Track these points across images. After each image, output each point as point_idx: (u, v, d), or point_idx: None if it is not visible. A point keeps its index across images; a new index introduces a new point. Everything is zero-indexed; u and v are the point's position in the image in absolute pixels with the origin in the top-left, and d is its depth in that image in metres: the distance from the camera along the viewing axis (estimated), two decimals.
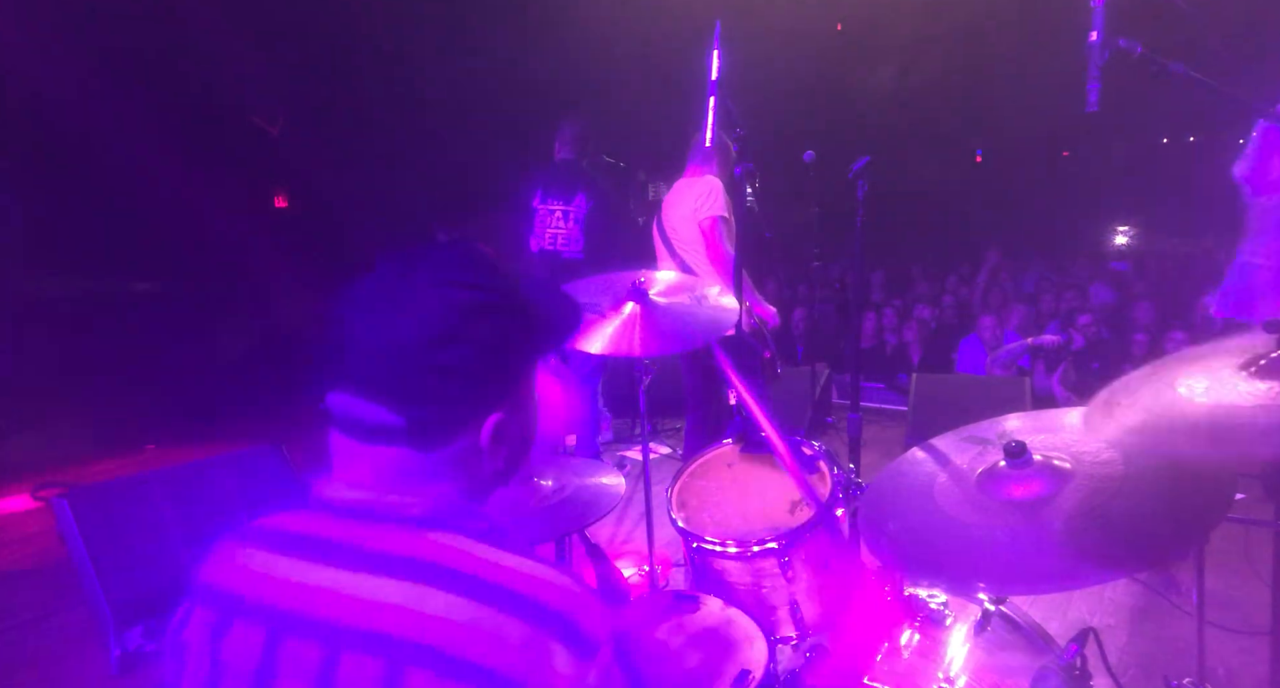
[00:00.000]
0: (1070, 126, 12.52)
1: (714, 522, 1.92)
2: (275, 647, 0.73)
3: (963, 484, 1.46)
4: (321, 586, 0.75)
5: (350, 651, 0.70)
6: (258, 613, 0.76)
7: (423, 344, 0.77)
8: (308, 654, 0.72)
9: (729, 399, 2.20)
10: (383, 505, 0.79)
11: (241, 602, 0.77)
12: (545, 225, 4.17)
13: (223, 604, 0.78)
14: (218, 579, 0.81)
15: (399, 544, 0.76)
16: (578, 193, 4.12)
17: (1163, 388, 1.26)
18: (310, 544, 0.79)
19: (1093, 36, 1.59)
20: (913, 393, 4.95)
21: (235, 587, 0.79)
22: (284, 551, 0.79)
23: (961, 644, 1.69)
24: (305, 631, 0.73)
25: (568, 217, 4.13)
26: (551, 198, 4.16)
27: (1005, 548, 1.28)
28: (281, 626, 0.74)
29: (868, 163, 2.28)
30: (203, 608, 0.79)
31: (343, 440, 0.82)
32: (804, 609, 1.72)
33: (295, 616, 0.74)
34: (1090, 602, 3.06)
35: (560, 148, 4.28)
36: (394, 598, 0.71)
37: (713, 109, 2.62)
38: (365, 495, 0.80)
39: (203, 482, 3.22)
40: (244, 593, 0.78)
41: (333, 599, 0.73)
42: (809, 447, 1.91)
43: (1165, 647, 2.77)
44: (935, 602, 1.81)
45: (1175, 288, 7.63)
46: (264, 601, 0.76)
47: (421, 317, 0.77)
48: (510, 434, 0.84)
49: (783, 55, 8.21)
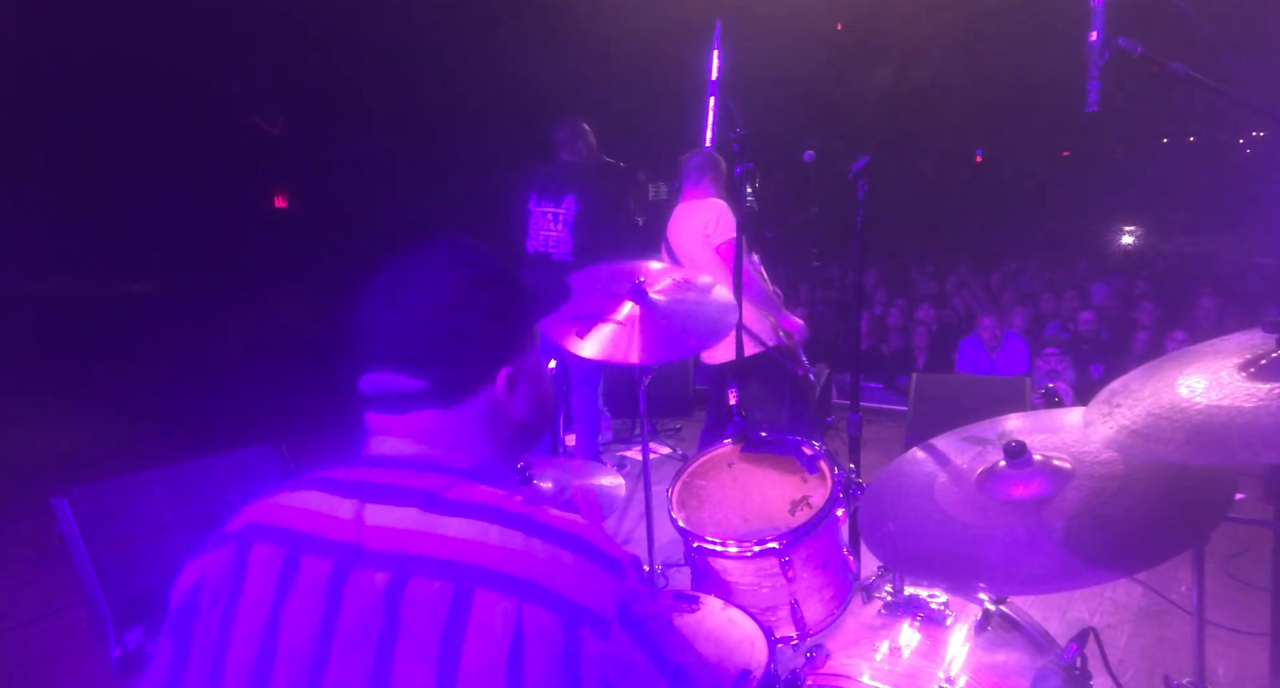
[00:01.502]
0: (1070, 126, 12.52)
1: (714, 522, 1.91)
2: (343, 578, 0.80)
3: (963, 484, 1.46)
4: (382, 525, 0.82)
5: (419, 576, 0.78)
6: (324, 547, 0.82)
7: (436, 313, 0.89)
8: (375, 582, 0.78)
9: (729, 399, 2.19)
10: (430, 457, 0.90)
11: (307, 538, 0.84)
12: (539, 227, 4.18)
13: (288, 540, 0.84)
14: (277, 519, 0.87)
15: (450, 488, 0.85)
16: (567, 194, 4.12)
17: (1163, 389, 1.26)
18: (367, 488, 0.87)
19: (1093, 36, 1.59)
20: (913, 393, 4.95)
21: (298, 525, 0.85)
22: (343, 493, 0.87)
23: (961, 644, 1.69)
24: (372, 562, 0.80)
25: (557, 219, 4.12)
26: (544, 200, 4.17)
27: (1005, 548, 1.28)
28: (348, 558, 0.81)
29: (868, 163, 2.28)
30: (264, 544, 0.85)
31: (378, 418, 0.92)
32: (804, 609, 1.72)
33: (361, 549, 0.81)
34: (1090, 602, 3.06)
35: (557, 149, 4.28)
36: (455, 531, 0.80)
37: (713, 109, 2.62)
38: (412, 450, 0.90)
39: (203, 482, 3.22)
40: (309, 530, 0.84)
41: (396, 534, 0.81)
42: (809, 447, 1.91)
43: (1165, 647, 2.77)
44: (935, 602, 1.81)
45: (1176, 288, 7.64)
46: (330, 536, 0.83)
47: (432, 291, 0.90)
48: (521, 385, 0.96)
49: (783, 55, 8.21)
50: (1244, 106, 1.69)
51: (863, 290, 2.56)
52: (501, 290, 0.94)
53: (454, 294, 0.90)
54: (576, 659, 0.75)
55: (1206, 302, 6.13)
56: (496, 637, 0.74)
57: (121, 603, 2.80)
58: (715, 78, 2.60)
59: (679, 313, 2.41)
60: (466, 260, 0.94)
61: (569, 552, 0.80)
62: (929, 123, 11.49)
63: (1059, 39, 3.84)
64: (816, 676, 1.61)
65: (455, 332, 0.90)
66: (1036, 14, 7.85)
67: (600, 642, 0.76)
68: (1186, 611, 2.92)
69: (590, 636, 0.76)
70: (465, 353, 0.91)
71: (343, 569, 0.80)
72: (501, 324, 0.93)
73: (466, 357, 0.91)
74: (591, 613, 0.77)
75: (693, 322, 2.40)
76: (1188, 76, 1.60)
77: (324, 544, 0.82)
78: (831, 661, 1.65)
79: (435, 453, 0.90)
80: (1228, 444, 1.09)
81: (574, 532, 0.83)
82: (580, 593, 0.77)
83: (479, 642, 0.74)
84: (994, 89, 10.98)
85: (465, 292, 0.91)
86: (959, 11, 8.86)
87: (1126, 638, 2.84)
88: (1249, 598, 2.94)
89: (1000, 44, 9.48)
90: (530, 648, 0.74)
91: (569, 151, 4.23)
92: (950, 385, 5.07)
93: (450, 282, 0.91)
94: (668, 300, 2.45)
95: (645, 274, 2.48)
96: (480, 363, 0.92)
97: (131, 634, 2.80)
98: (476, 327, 0.91)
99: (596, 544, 0.82)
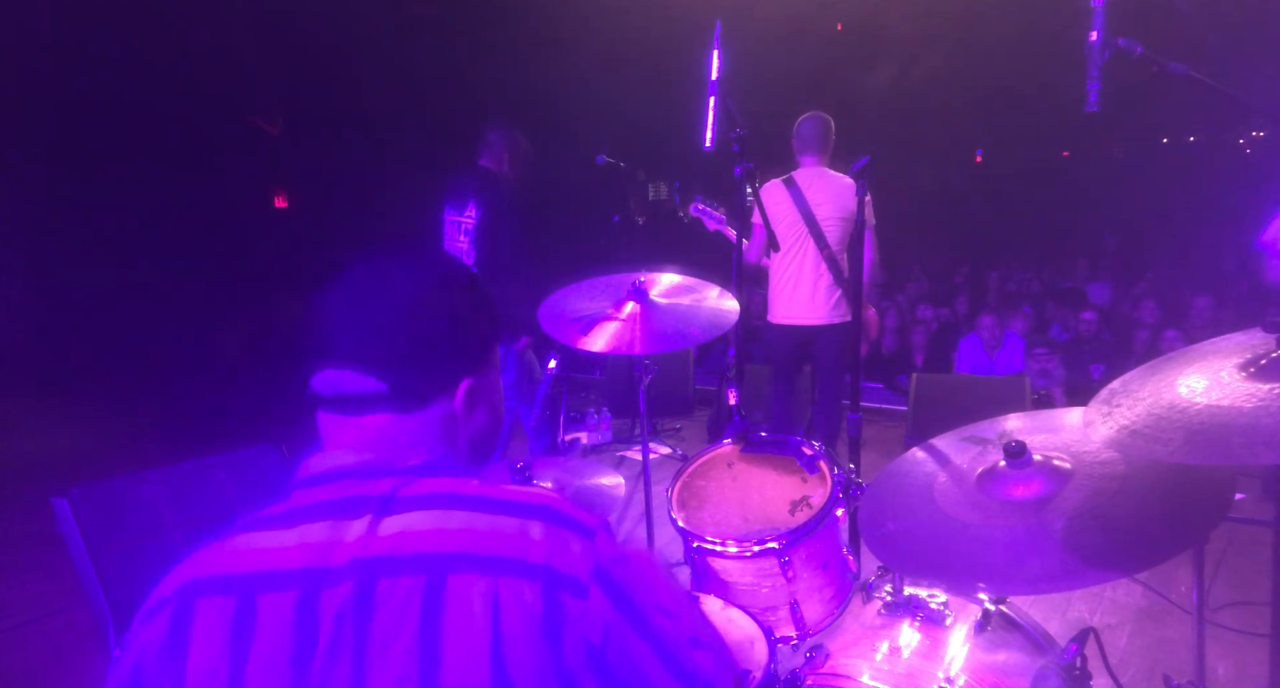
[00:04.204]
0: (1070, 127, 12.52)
1: (714, 522, 1.91)
2: (312, 605, 0.75)
3: (963, 484, 1.46)
4: (339, 540, 0.78)
5: (385, 577, 0.75)
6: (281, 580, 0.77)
7: (401, 315, 0.87)
8: (344, 597, 0.75)
9: (730, 399, 2.19)
10: (374, 463, 0.85)
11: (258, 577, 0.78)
12: (449, 239, 3.90)
13: (236, 586, 0.78)
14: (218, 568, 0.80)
15: (402, 487, 0.82)
16: (468, 201, 3.82)
17: (1163, 388, 1.26)
18: (313, 509, 0.82)
19: (1093, 36, 1.59)
20: (913, 393, 4.95)
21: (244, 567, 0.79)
22: (287, 523, 0.81)
23: (961, 644, 1.69)
24: (337, 578, 0.76)
25: (460, 228, 3.85)
26: (452, 209, 3.89)
27: (1005, 548, 1.28)
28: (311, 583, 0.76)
29: (868, 163, 2.28)
30: (208, 598, 0.78)
31: (330, 419, 0.89)
32: (804, 609, 1.72)
33: (323, 570, 0.77)
34: (1090, 602, 3.06)
35: (478, 152, 3.95)
36: (416, 525, 0.78)
37: (713, 109, 2.63)
38: (355, 458, 0.86)
39: (203, 482, 3.21)
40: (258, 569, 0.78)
41: (355, 544, 0.77)
42: (809, 447, 1.91)
43: (1165, 647, 2.77)
44: (935, 602, 1.81)
45: (1176, 288, 7.63)
46: (284, 567, 0.78)
47: (398, 293, 0.88)
48: (480, 399, 0.93)
49: (783, 55, 8.21)
50: (1244, 106, 1.69)
51: (862, 290, 2.57)
52: (465, 299, 0.93)
53: (419, 298, 0.89)
54: (559, 625, 0.74)
55: (1204, 302, 6.13)
56: (475, 617, 0.73)
57: (121, 603, 2.80)
58: (715, 78, 2.59)
59: (679, 310, 2.53)
60: (438, 265, 0.94)
61: (537, 521, 0.79)
62: (929, 123, 11.49)
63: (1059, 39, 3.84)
64: (816, 676, 1.61)
65: (422, 335, 0.88)
66: (1037, 14, 7.85)
67: (580, 603, 0.75)
68: (1186, 611, 2.92)
69: (570, 599, 0.75)
70: (429, 358, 0.88)
71: (309, 596, 0.76)
72: (467, 334, 0.92)
73: (430, 362, 0.89)
74: (568, 577, 0.76)
75: (694, 315, 2.51)
76: (1188, 76, 1.60)
77: (280, 578, 0.77)
78: (831, 661, 1.65)
79: (380, 458, 0.85)
80: (1228, 444, 1.09)
81: (539, 502, 0.82)
82: (555, 559, 0.76)
83: (458, 626, 0.72)
84: (994, 89, 10.97)
85: (430, 296, 0.90)
86: (959, 11, 8.85)
87: (1126, 638, 2.84)
88: (1249, 598, 2.94)
89: (1000, 44, 9.47)
90: (510, 621, 0.73)
91: (488, 157, 3.93)
92: (950, 385, 5.07)
93: (416, 285, 0.90)
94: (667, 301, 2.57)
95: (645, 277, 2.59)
96: (440, 370, 0.90)
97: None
98: (443, 333, 0.89)
99: (564, 511, 0.81)
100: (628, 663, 0.77)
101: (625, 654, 0.77)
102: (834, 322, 3.86)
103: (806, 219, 3.73)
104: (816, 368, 4.11)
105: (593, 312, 2.55)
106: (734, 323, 2.49)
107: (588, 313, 2.55)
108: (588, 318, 2.53)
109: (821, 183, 3.78)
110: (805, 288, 3.84)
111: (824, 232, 3.74)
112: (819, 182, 3.79)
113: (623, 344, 2.43)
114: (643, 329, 2.45)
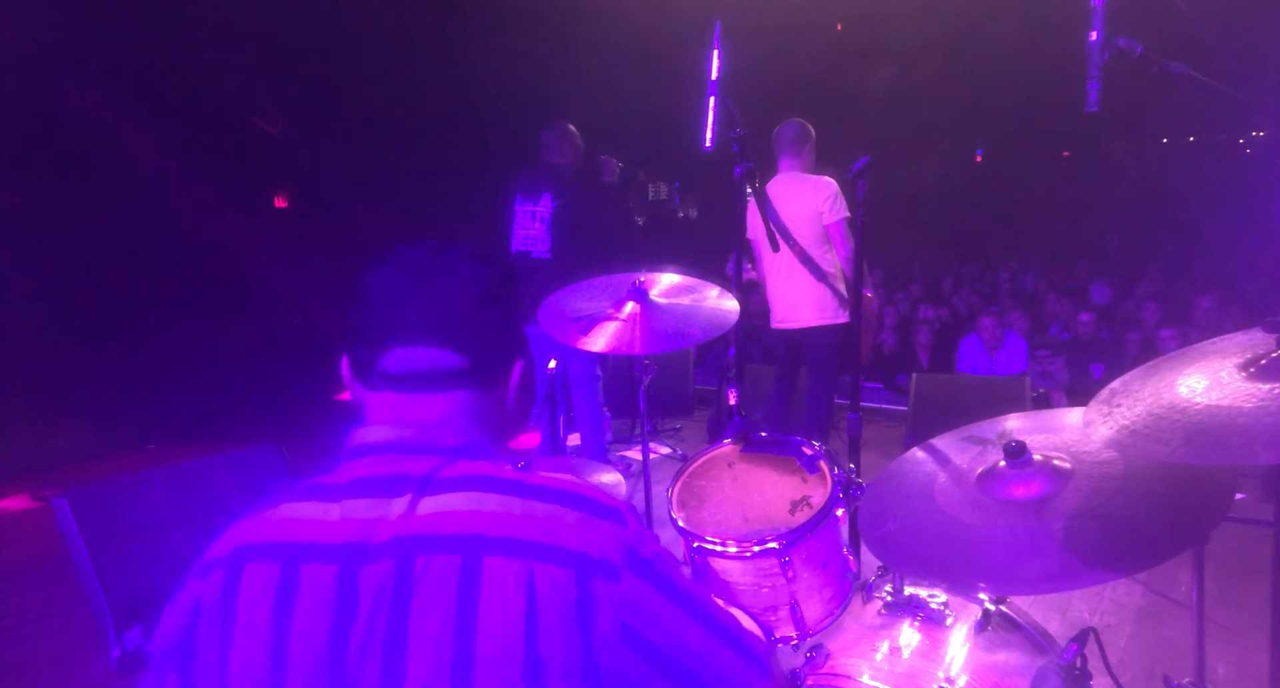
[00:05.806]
0: (1070, 126, 12.52)
1: (714, 522, 1.91)
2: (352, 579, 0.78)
3: (963, 484, 1.46)
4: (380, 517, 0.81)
5: (424, 555, 0.77)
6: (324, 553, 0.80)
7: (474, 301, 0.94)
8: (384, 573, 0.77)
9: (730, 399, 2.19)
10: (416, 440, 0.89)
11: (303, 548, 0.81)
12: (521, 226, 4.23)
13: (282, 554, 0.81)
14: (266, 536, 0.83)
15: (442, 468, 0.86)
16: (544, 193, 4.16)
17: (1163, 388, 1.26)
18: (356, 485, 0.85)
19: (1093, 36, 1.59)
20: (913, 393, 4.95)
21: (290, 537, 0.82)
22: (333, 496, 0.84)
23: (961, 644, 1.69)
24: (377, 555, 0.79)
25: (535, 216, 4.17)
26: (526, 199, 4.22)
27: (1005, 548, 1.28)
28: (352, 558, 0.79)
29: (868, 163, 2.28)
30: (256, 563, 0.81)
31: (395, 398, 0.91)
32: (804, 609, 1.72)
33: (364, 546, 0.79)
34: (1090, 602, 3.06)
35: (542, 151, 4.33)
36: (453, 506, 0.81)
37: (713, 109, 2.63)
38: (401, 433, 0.89)
39: (203, 482, 3.21)
40: (303, 540, 0.81)
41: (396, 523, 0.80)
42: (809, 447, 1.91)
43: (1165, 647, 2.77)
44: (935, 602, 1.81)
45: (1175, 288, 7.63)
46: (328, 541, 0.81)
47: (469, 281, 0.94)
48: (527, 379, 1.02)
49: (783, 55, 8.21)
50: (1244, 106, 1.69)
51: (861, 290, 2.57)
52: (515, 292, 1.00)
53: (489, 287, 0.95)
54: (591, 609, 0.77)
55: (1206, 302, 6.13)
56: (510, 601, 0.75)
57: (121, 603, 2.80)
58: (715, 78, 2.59)
59: (679, 310, 2.53)
60: (490, 259, 0.99)
61: (568, 508, 0.82)
62: (929, 123, 11.49)
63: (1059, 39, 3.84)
64: (816, 676, 1.61)
65: (489, 321, 0.94)
66: (1036, 14, 7.85)
67: (612, 586, 0.78)
68: (1186, 610, 2.92)
69: (602, 583, 0.78)
70: (498, 340, 0.96)
71: (349, 571, 0.78)
72: (517, 322, 1.01)
73: (499, 343, 0.96)
74: (600, 562, 0.79)
75: (694, 315, 2.52)
76: (1188, 76, 1.60)
77: (322, 550, 0.80)
78: (831, 661, 1.65)
79: (422, 436, 0.89)
80: (1228, 444, 1.09)
81: (569, 489, 0.85)
82: (587, 545, 0.80)
83: (494, 608, 0.75)
84: (994, 89, 10.97)
85: (495, 287, 0.96)
86: (959, 11, 8.86)
87: (1126, 638, 2.84)
88: (1249, 598, 2.94)
89: (1000, 44, 9.47)
90: (545, 606, 0.75)
91: (554, 153, 4.28)
92: (950, 385, 5.07)
93: (484, 276, 0.96)
94: (667, 301, 2.56)
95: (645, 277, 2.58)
96: (508, 353, 0.98)
97: (131, 634, 2.79)
98: (504, 321, 0.96)
99: (593, 497, 0.85)
100: (665, 631, 0.81)
101: (661, 624, 0.81)
102: (824, 323, 3.92)
103: (777, 225, 3.78)
104: (807, 366, 4.18)
105: (593, 311, 2.55)
106: (734, 323, 2.49)
107: (588, 313, 2.55)
108: (588, 318, 2.53)
109: (787, 187, 3.87)
110: (788, 291, 3.94)
111: (794, 235, 3.82)
112: (787, 186, 3.88)
113: (623, 344, 2.43)
114: (643, 329, 2.45)
